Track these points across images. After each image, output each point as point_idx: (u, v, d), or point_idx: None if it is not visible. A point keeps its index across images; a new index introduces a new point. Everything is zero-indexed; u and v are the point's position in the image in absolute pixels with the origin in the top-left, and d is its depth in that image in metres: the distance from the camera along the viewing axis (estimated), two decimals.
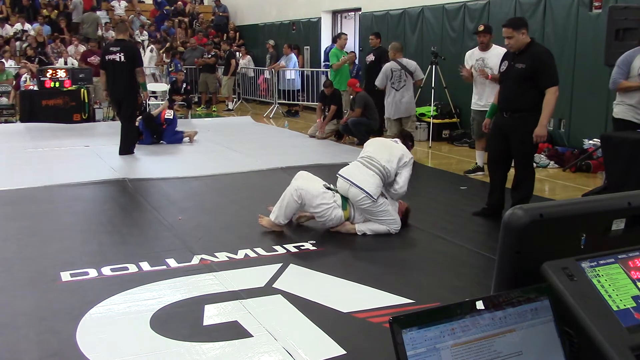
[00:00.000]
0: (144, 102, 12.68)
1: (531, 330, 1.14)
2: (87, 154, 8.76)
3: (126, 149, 8.67)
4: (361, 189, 4.89)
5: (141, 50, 13.16)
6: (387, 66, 8.60)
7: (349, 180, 4.96)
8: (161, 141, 9.80)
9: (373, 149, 5.21)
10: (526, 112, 5.11)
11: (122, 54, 8.43)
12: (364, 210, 5.02)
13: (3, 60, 13.65)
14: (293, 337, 3.20)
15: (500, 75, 5.48)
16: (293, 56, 14.24)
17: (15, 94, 12.46)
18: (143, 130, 9.63)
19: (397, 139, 5.39)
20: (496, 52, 6.87)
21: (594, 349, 1.13)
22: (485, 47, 7.20)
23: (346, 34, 11.71)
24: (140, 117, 9.65)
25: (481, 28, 7.24)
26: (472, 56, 7.37)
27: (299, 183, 5.08)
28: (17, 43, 15.66)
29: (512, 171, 5.49)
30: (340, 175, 5.07)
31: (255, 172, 7.59)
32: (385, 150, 5.13)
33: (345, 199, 5.04)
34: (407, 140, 5.45)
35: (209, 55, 14.74)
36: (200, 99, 15.06)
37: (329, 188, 5.13)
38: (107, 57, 8.54)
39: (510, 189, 5.45)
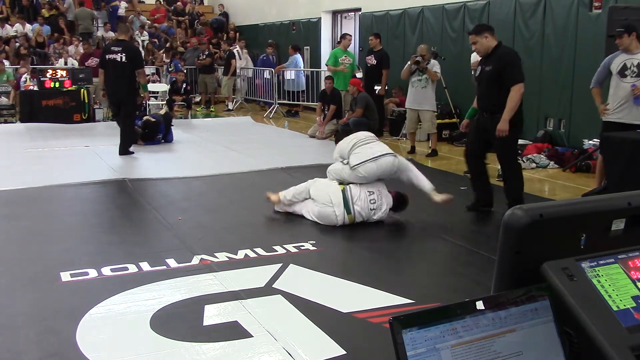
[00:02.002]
0: (144, 102, 12.71)
1: (531, 331, 1.14)
2: (87, 154, 8.76)
3: (126, 149, 8.67)
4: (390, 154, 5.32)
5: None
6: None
7: (388, 153, 5.30)
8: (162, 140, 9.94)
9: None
10: (502, 111, 5.33)
11: (123, 54, 8.41)
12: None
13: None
14: (293, 337, 3.20)
15: (475, 79, 5.80)
16: (297, 57, 14.24)
17: (15, 94, 12.45)
18: (161, 130, 9.83)
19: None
20: None
21: (594, 349, 1.13)
22: None
23: (350, 35, 11.70)
24: (152, 118, 9.85)
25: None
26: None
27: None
28: (17, 44, 15.65)
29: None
30: (379, 156, 5.24)
31: (255, 172, 7.58)
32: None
33: (347, 204, 5.13)
34: None
35: (204, 56, 14.72)
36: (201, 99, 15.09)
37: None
38: (107, 57, 8.53)
39: (503, 189, 5.62)
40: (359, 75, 11.40)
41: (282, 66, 14.19)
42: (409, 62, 9.04)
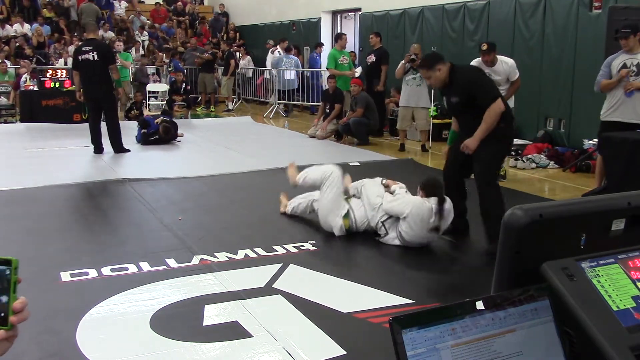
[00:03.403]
0: (145, 100, 12.71)
1: (531, 331, 1.14)
2: (87, 154, 8.75)
3: (120, 146, 8.70)
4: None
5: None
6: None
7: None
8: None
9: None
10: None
11: (94, 52, 8.41)
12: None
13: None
14: (293, 337, 3.20)
15: (448, 110, 5.36)
16: (291, 57, 14.24)
17: (15, 94, 12.45)
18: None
19: None
20: (502, 61, 6.82)
21: (594, 349, 1.13)
22: (491, 64, 6.77)
23: (346, 34, 11.71)
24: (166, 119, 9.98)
25: (485, 47, 6.76)
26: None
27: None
28: (17, 44, 15.65)
29: None
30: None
31: (255, 172, 7.58)
32: None
33: (348, 212, 5.05)
34: None
35: (207, 54, 14.73)
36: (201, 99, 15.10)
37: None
38: (79, 57, 8.51)
39: (481, 215, 4.85)
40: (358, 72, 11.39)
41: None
42: (402, 61, 9.07)
